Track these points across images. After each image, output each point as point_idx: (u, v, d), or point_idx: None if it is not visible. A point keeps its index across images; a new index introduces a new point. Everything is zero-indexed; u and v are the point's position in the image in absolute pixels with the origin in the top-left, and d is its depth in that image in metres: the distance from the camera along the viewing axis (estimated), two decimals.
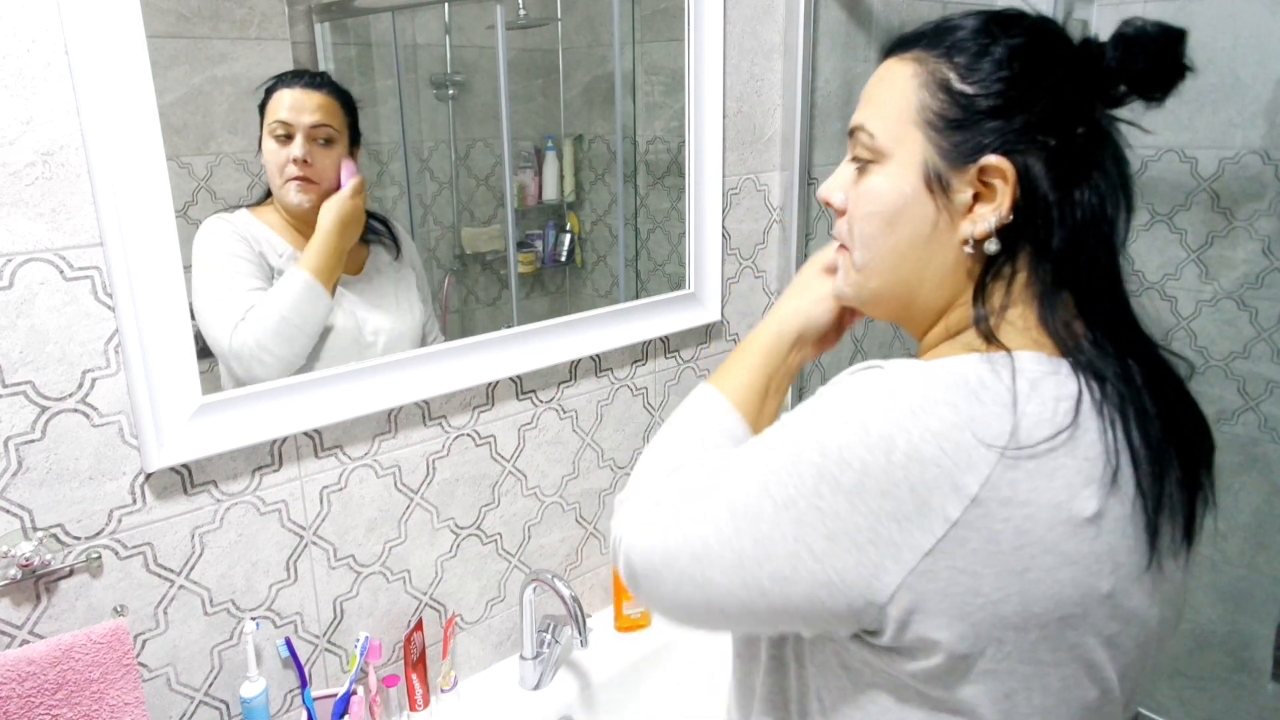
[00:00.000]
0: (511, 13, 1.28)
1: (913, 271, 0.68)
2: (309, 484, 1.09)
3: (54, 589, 0.92)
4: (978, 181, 0.64)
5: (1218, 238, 1.79)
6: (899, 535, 0.57)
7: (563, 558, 1.42)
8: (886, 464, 0.57)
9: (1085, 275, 0.64)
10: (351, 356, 1.12)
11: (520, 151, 1.36)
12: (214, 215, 1.02)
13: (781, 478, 0.61)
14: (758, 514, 0.61)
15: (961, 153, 0.64)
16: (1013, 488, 0.57)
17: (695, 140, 1.42)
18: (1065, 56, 0.64)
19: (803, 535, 0.59)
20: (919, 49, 0.66)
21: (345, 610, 1.16)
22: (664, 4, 1.40)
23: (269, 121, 1.04)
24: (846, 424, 0.59)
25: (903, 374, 0.60)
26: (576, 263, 1.46)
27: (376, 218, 1.18)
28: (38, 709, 0.88)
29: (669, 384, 1.50)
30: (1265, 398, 1.79)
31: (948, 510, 0.56)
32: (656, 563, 0.67)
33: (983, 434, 0.57)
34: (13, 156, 0.83)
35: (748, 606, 0.63)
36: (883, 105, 0.67)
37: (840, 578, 0.59)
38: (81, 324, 0.89)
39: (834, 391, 0.63)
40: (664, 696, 1.38)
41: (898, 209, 0.66)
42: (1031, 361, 0.60)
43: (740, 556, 0.62)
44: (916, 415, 0.57)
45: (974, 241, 0.65)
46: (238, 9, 1.00)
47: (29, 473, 0.88)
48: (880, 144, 0.67)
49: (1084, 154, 0.63)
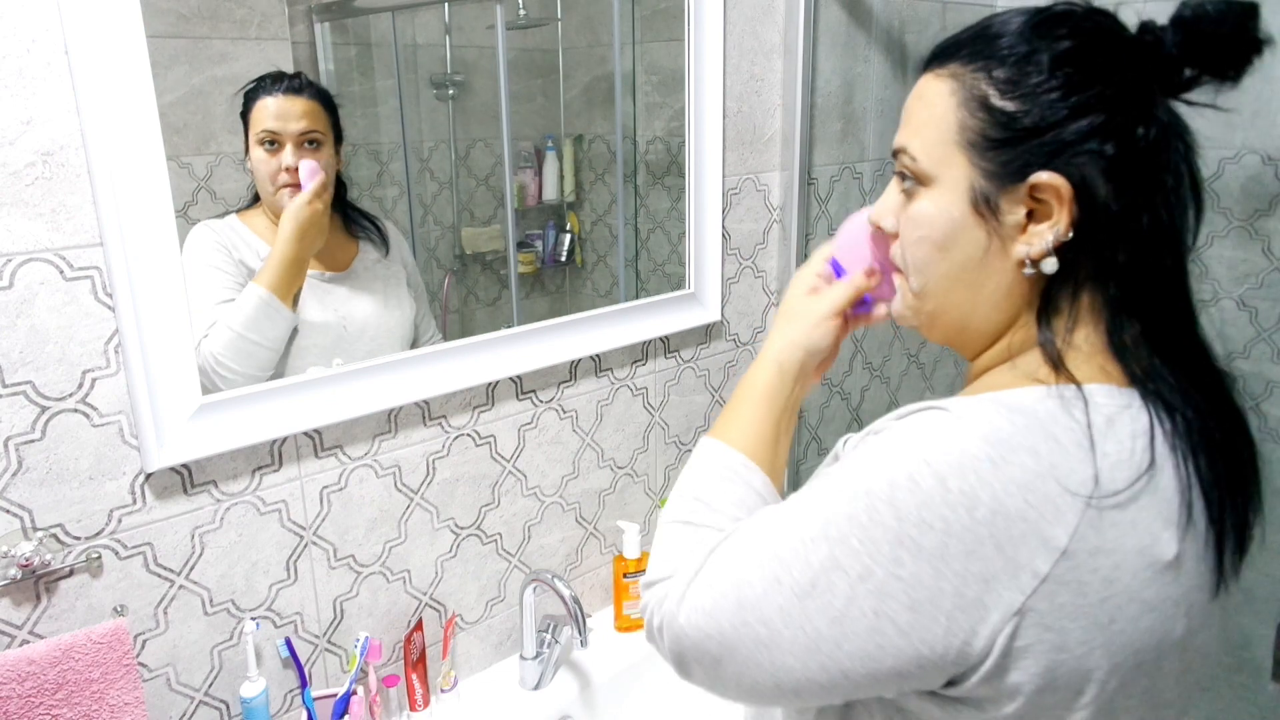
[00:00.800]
0: (511, 13, 1.28)
1: (967, 296, 0.64)
2: (309, 484, 1.09)
3: (54, 589, 0.92)
4: (1030, 200, 0.60)
5: (1218, 238, 1.79)
6: (987, 596, 0.54)
7: (563, 558, 1.42)
8: (970, 521, 0.53)
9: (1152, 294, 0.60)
10: (335, 353, 1.12)
11: (520, 151, 1.36)
12: (201, 223, 1.01)
13: (852, 546, 0.56)
14: (828, 589, 0.56)
15: (1009, 172, 0.60)
16: (1100, 536, 0.54)
17: (695, 140, 1.42)
18: (1119, 52, 0.59)
19: (884, 609, 0.55)
20: (956, 63, 0.63)
21: (345, 610, 1.16)
22: (664, 4, 1.40)
23: (256, 130, 1.03)
24: (920, 480, 0.54)
25: (972, 418, 0.56)
26: (576, 263, 1.46)
27: (366, 215, 1.18)
28: (38, 709, 0.88)
29: (669, 384, 1.50)
30: (1265, 398, 1.79)
31: (1036, 565, 0.53)
32: (713, 650, 0.61)
33: (1067, 481, 0.54)
34: (13, 156, 0.83)
35: (826, 688, 0.58)
36: (923, 126, 0.64)
37: (929, 649, 0.55)
38: (81, 324, 0.89)
39: (894, 443, 0.58)
40: (664, 696, 1.38)
41: (947, 234, 0.63)
42: (1103, 395, 0.57)
43: (815, 639, 0.57)
44: (997, 466, 0.53)
45: (1031, 262, 0.61)
46: (238, 9, 1.00)
47: (29, 473, 0.88)
48: (923, 167, 0.64)
49: (1148, 158, 0.59)
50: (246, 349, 1.03)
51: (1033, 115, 0.59)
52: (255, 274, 1.05)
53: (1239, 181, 1.74)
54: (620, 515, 1.48)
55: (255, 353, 1.04)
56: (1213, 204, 1.78)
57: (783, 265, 1.62)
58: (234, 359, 1.02)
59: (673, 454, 1.54)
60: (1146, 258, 0.59)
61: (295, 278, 1.08)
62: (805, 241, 1.61)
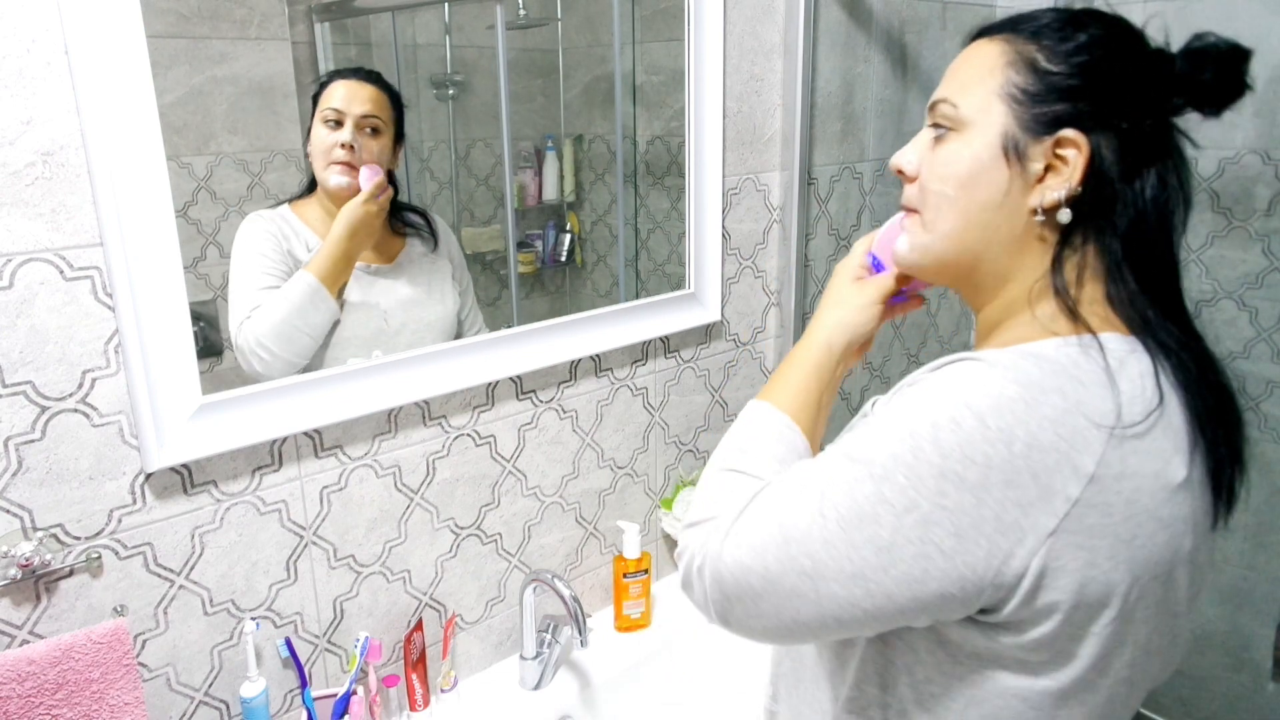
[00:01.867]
0: (511, 13, 1.28)
1: (980, 237, 0.71)
2: (309, 484, 1.09)
3: (54, 589, 0.92)
4: (1052, 153, 0.67)
5: (1218, 238, 1.79)
6: (1025, 520, 0.60)
7: (563, 558, 1.42)
8: (1008, 454, 0.59)
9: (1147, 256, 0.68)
10: (375, 345, 1.14)
11: (520, 151, 1.36)
12: (254, 212, 1.06)
13: (898, 482, 0.61)
14: (875, 521, 0.62)
15: (1040, 123, 0.67)
16: (1123, 463, 0.61)
17: (695, 140, 1.42)
18: (1141, 54, 0.68)
19: (930, 536, 0.60)
20: (1007, 32, 0.71)
21: (345, 610, 1.16)
22: (664, 4, 1.40)
23: (322, 109, 1.08)
24: (962, 420, 0.60)
25: (1006, 365, 0.62)
26: (576, 263, 1.46)
27: (416, 210, 1.21)
28: (38, 709, 0.88)
29: (669, 384, 1.50)
30: (1265, 398, 1.79)
31: (1069, 490, 0.60)
32: (755, 585, 0.66)
33: (1092, 416, 0.60)
34: (13, 156, 0.83)
35: (871, 614, 0.63)
36: (969, 79, 0.71)
37: (972, 571, 0.60)
38: (81, 324, 0.89)
39: (934, 390, 0.64)
40: (664, 696, 1.38)
41: (973, 173, 0.70)
42: (1114, 341, 0.65)
43: (861, 567, 0.62)
44: (1030, 406, 0.60)
45: (1043, 210, 0.68)
46: (238, 9, 1.00)
47: (29, 473, 0.88)
48: (963, 114, 0.70)
49: (1152, 143, 0.67)
50: (289, 333, 1.07)
51: (1071, 80, 0.67)
52: (303, 265, 1.08)
53: (1239, 181, 1.74)
54: (620, 515, 1.48)
55: (296, 338, 1.07)
56: (1213, 204, 1.78)
57: (783, 265, 1.62)
58: (275, 343, 1.05)
59: (673, 454, 1.54)
60: (1143, 224, 0.67)
61: (343, 272, 1.12)
62: (805, 242, 1.61)
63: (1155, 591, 0.65)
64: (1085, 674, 0.65)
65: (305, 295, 1.08)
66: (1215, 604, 1.91)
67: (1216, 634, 1.91)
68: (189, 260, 0.96)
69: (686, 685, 1.39)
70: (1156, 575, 0.64)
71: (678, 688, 1.39)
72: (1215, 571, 1.89)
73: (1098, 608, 0.63)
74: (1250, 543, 1.85)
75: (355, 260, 1.13)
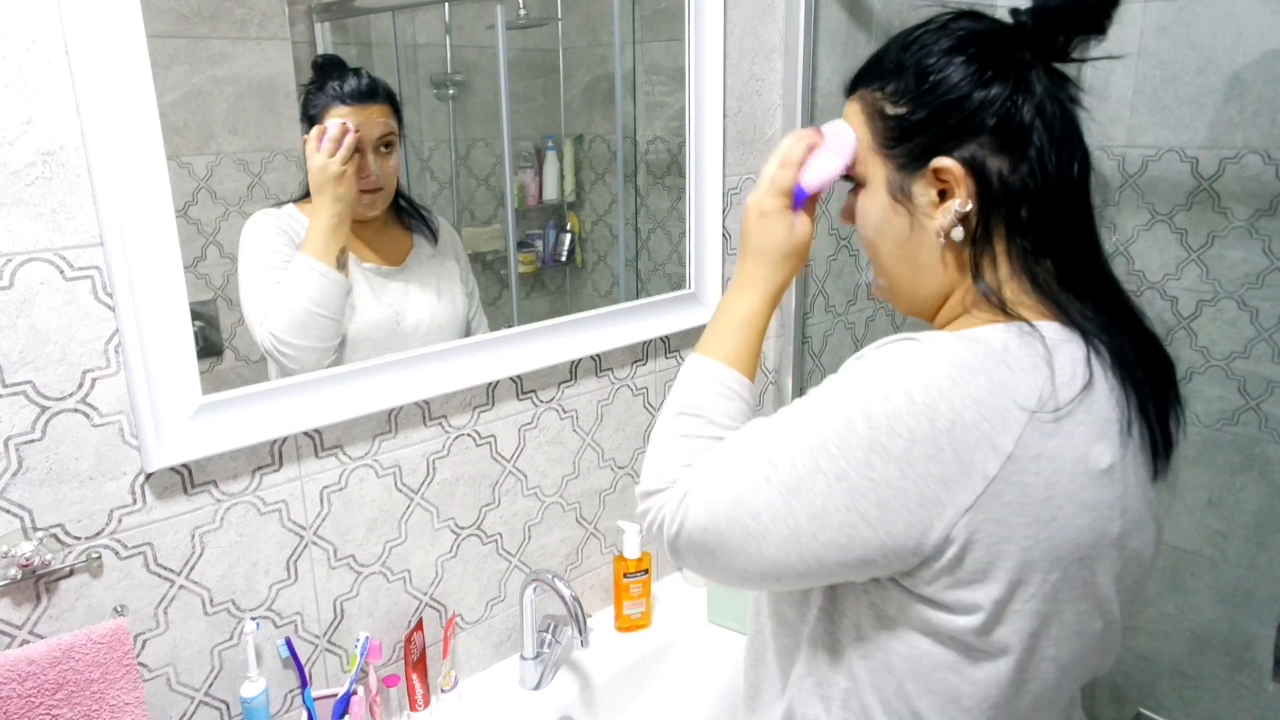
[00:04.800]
0: (511, 13, 1.28)
1: (909, 270, 0.76)
2: (309, 484, 1.09)
3: (54, 589, 0.92)
4: (936, 181, 0.71)
5: (1218, 238, 1.79)
6: (945, 495, 0.63)
7: (563, 558, 1.42)
8: (932, 430, 0.62)
9: (1059, 240, 0.70)
10: (389, 348, 1.14)
11: (520, 151, 1.36)
12: (260, 210, 1.05)
13: (831, 452, 0.65)
14: (810, 489, 0.66)
15: (911, 162, 0.72)
16: (1041, 444, 0.63)
17: (695, 140, 1.42)
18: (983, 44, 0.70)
19: (855, 505, 0.64)
20: (861, 87, 0.76)
21: (345, 610, 1.16)
22: (664, 4, 1.40)
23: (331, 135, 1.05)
24: (890, 395, 0.64)
25: (938, 345, 0.65)
26: (577, 263, 1.46)
27: (417, 208, 1.21)
28: (38, 709, 0.88)
29: (669, 384, 1.50)
30: (1266, 398, 1.79)
31: (987, 468, 0.62)
32: (708, 541, 0.70)
33: (1016, 397, 0.63)
34: (13, 156, 0.83)
35: (802, 574, 0.68)
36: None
37: (893, 540, 0.64)
38: (81, 324, 0.89)
39: (870, 365, 0.67)
40: (664, 696, 1.38)
41: (880, 222, 0.76)
42: (1050, 330, 0.67)
43: (795, 531, 0.66)
44: (957, 384, 0.63)
45: (945, 233, 0.71)
46: (238, 9, 1.00)
47: (29, 473, 0.88)
48: (858, 172, 0.77)
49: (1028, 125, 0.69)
50: (302, 319, 1.06)
51: (917, 114, 0.71)
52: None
53: (1239, 181, 1.74)
54: (620, 515, 1.48)
55: (312, 322, 1.07)
56: (1213, 204, 1.78)
57: None
58: (294, 333, 1.05)
59: None
60: (1047, 209, 0.69)
61: (331, 240, 1.08)
62: None
63: (1081, 574, 0.67)
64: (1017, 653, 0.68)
65: (306, 274, 1.06)
66: (1215, 604, 1.91)
67: (1216, 634, 1.91)
68: (189, 260, 0.96)
69: (686, 685, 1.39)
70: (1081, 558, 0.66)
71: (678, 688, 1.39)
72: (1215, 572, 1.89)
73: (1018, 584, 0.65)
74: (1250, 543, 1.85)
75: (344, 222, 1.08)
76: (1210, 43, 1.70)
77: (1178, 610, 1.94)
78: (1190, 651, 1.94)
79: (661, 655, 1.40)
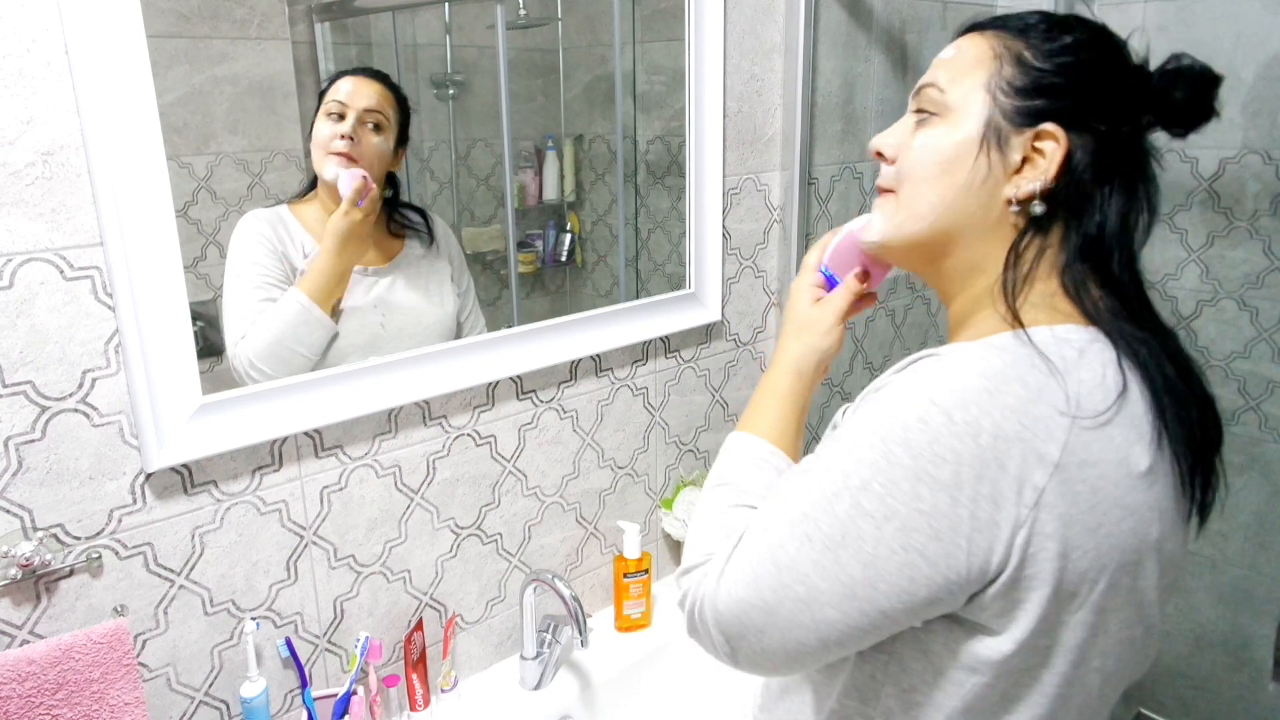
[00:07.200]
0: (511, 13, 1.28)
1: (955, 221, 0.71)
2: (309, 484, 1.09)
3: (54, 589, 0.92)
4: (1031, 145, 0.68)
5: (1218, 238, 1.79)
6: (998, 514, 0.59)
7: (563, 558, 1.42)
8: (976, 448, 0.59)
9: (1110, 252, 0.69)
10: (374, 348, 1.13)
11: (520, 151, 1.36)
12: (251, 212, 1.05)
13: (874, 491, 0.61)
14: (858, 536, 0.61)
15: (1022, 115, 0.68)
16: (1086, 450, 0.61)
17: (695, 140, 1.42)
18: (1119, 62, 0.70)
19: (911, 543, 0.60)
20: (998, 29, 0.72)
21: (345, 610, 1.16)
22: (664, 4, 1.40)
23: (327, 101, 1.08)
24: (929, 418, 0.60)
25: (965, 356, 0.63)
26: (577, 263, 1.46)
27: (414, 208, 1.21)
28: (38, 709, 0.88)
29: (669, 384, 1.50)
30: (1266, 397, 1.79)
31: (1035, 479, 0.59)
32: (757, 620, 0.65)
33: (1055, 402, 0.60)
34: (13, 156, 0.83)
35: (868, 630, 0.63)
36: (957, 69, 0.72)
37: (955, 573, 0.60)
38: (81, 324, 0.89)
39: (898, 391, 0.63)
40: (664, 696, 1.38)
41: (955, 157, 0.70)
42: (1073, 332, 0.65)
43: (850, 585, 0.62)
44: (993, 395, 0.60)
45: (1016, 201, 0.69)
46: (238, 9, 1.00)
47: (29, 473, 0.88)
48: (949, 99, 0.71)
49: (1124, 152, 0.69)
50: (283, 355, 1.05)
51: (1056, 78, 0.68)
52: (298, 274, 1.07)
53: (1239, 181, 1.75)
54: (620, 515, 1.48)
55: (291, 360, 1.06)
56: (1213, 204, 1.79)
57: (783, 265, 1.62)
58: (269, 364, 1.04)
59: (673, 454, 1.54)
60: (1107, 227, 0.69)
61: (336, 287, 1.10)
62: (805, 241, 1.61)
63: (1125, 581, 0.65)
64: (1064, 668, 0.65)
65: (298, 315, 1.06)
66: (1215, 604, 1.91)
67: (1216, 634, 1.91)
68: (189, 260, 0.96)
69: (686, 685, 1.39)
70: (1124, 564, 0.64)
71: (678, 688, 1.39)
72: (1215, 572, 1.89)
73: (1069, 597, 0.63)
74: (1250, 543, 1.85)
75: (349, 274, 1.11)
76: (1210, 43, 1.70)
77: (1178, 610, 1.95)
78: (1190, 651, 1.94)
79: (661, 655, 1.40)
